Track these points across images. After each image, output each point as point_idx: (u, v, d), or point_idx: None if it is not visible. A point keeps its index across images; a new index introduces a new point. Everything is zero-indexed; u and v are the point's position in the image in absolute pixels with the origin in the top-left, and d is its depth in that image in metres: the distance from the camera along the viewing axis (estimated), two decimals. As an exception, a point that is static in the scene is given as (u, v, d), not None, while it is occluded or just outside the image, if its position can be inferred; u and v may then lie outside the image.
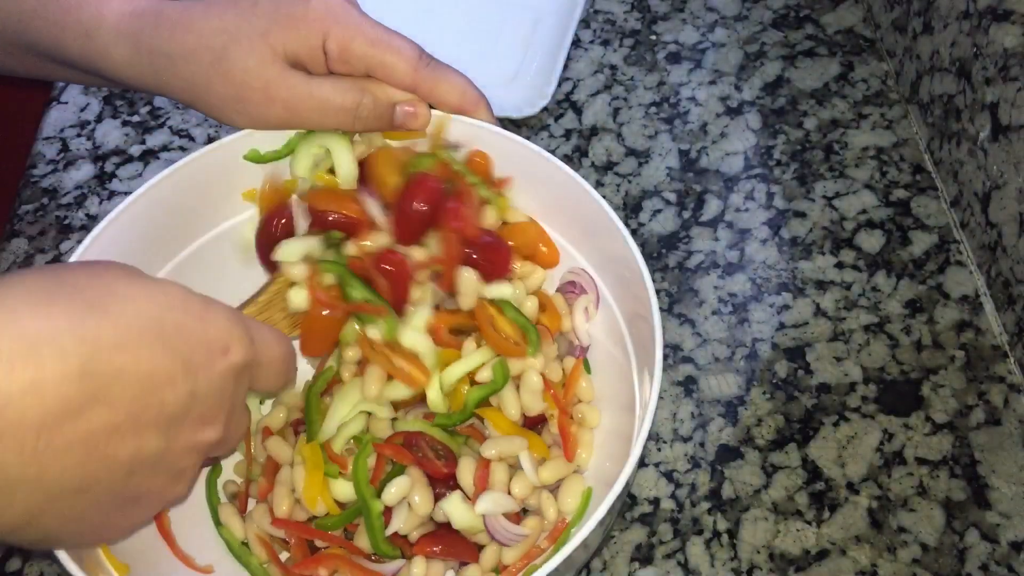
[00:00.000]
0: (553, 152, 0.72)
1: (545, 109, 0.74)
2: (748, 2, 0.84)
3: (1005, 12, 0.62)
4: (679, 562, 0.54)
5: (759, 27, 0.82)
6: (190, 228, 0.55)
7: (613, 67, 0.79)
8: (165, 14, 0.50)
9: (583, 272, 0.55)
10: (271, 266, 0.53)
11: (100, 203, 0.71)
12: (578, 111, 0.76)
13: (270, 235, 0.53)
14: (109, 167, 0.73)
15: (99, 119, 0.77)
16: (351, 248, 0.52)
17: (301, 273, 0.51)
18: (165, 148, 0.74)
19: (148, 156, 0.74)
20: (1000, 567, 0.54)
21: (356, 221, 0.52)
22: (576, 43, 0.81)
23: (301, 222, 0.53)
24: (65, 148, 0.75)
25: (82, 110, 0.77)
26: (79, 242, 0.68)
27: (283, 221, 0.53)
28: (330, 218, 0.52)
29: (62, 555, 0.40)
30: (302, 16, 0.49)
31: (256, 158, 0.54)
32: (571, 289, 0.56)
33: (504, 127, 0.75)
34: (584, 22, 0.82)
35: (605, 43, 0.81)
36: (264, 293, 0.52)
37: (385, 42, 0.51)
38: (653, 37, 0.81)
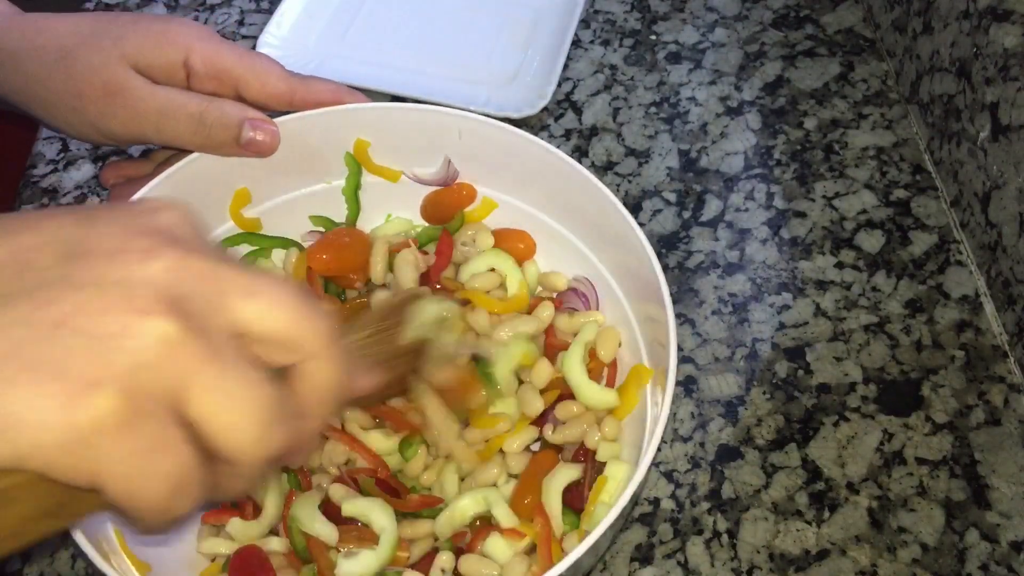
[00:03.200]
0: (553, 152, 0.73)
1: (545, 109, 0.74)
2: (748, 2, 0.84)
3: (1005, 12, 0.62)
4: (679, 562, 0.54)
5: (759, 27, 0.82)
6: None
7: (613, 67, 0.79)
8: (22, 16, 0.49)
9: (587, 282, 0.56)
10: None
11: (100, 203, 0.71)
12: (578, 111, 0.76)
13: None
14: (109, 167, 0.73)
15: (99, 119, 0.77)
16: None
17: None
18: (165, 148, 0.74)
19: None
20: (1000, 567, 0.54)
21: None
22: (576, 43, 0.81)
23: None
24: (65, 148, 0.75)
25: (82, 110, 0.77)
26: (79, 242, 0.69)
27: None
28: None
29: (88, 549, 0.39)
30: (162, 31, 0.48)
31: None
32: (573, 298, 0.56)
33: (504, 127, 0.75)
34: (584, 22, 0.82)
35: (605, 43, 0.81)
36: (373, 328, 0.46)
37: (252, 55, 0.51)
38: (653, 37, 0.81)
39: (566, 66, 0.78)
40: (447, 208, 0.60)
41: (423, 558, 0.49)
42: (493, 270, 0.57)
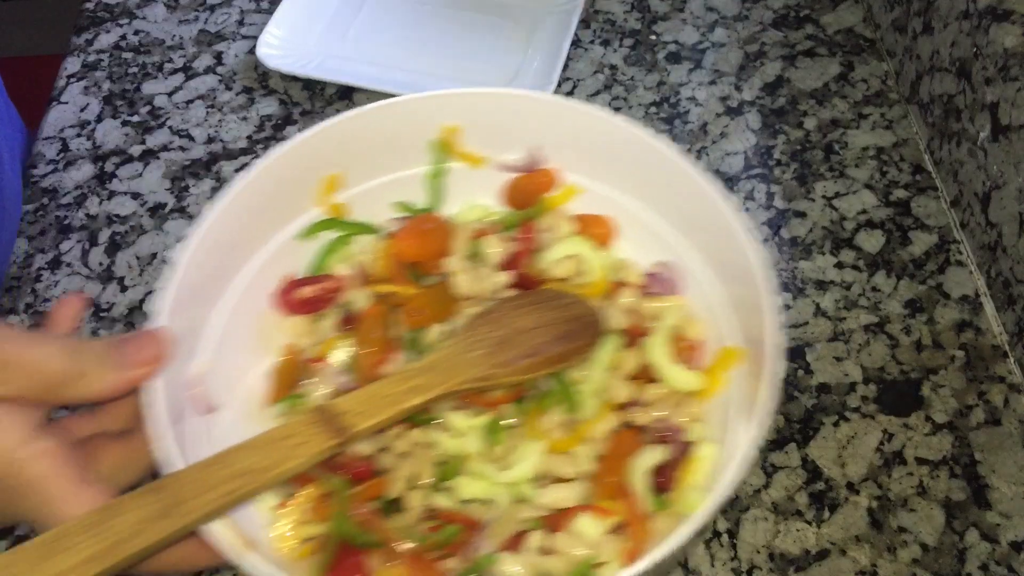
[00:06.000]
0: (553, 152, 0.73)
1: (545, 109, 0.74)
2: (748, 2, 0.84)
3: (1005, 12, 0.62)
4: (679, 562, 0.54)
5: (759, 27, 0.82)
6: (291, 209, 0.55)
7: (613, 67, 0.79)
8: None
9: (669, 267, 0.56)
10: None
11: (100, 203, 0.71)
12: (578, 111, 0.76)
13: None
14: (109, 167, 0.73)
15: (99, 119, 0.77)
16: None
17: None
18: (165, 148, 0.74)
19: (148, 156, 0.74)
20: (1000, 567, 0.54)
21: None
22: (576, 43, 0.81)
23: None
24: (65, 148, 0.75)
25: (82, 110, 0.77)
26: (79, 242, 0.69)
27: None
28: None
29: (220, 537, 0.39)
30: None
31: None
32: (653, 283, 0.56)
33: (504, 127, 0.75)
34: (584, 22, 0.82)
35: (605, 43, 0.81)
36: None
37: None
38: (653, 37, 0.81)
39: (566, 66, 0.78)
40: (528, 194, 0.60)
41: (513, 538, 0.48)
42: (573, 257, 0.57)
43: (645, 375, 0.52)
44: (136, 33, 0.83)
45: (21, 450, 0.37)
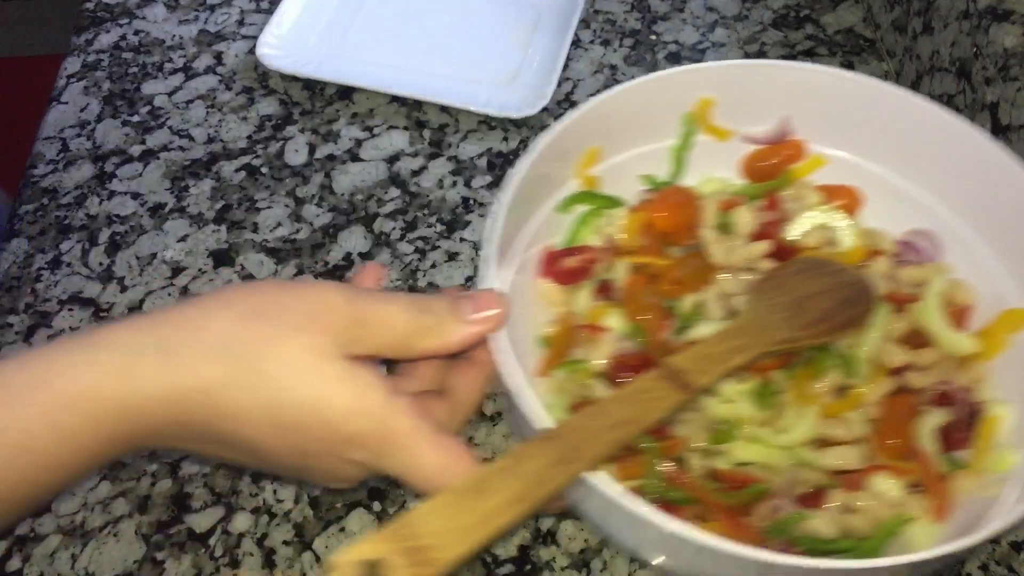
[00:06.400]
0: (553, 152, 0.73)
1: (545, 109, 0.74)
2: (748, 2, 0.84)
3: (1005, 12, 0.62)
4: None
5: (759, 27, 0.82)
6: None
7: (613, 67, 0.79)
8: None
9: (926, 234, 0.56)
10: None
11: (100, 203, 0.71)
12: (578, 111, 0.76)
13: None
14: (109, 167, 0.73)
15: (99, 119, 0.77)
16: None
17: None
18: (165, 148, 0.74)
19: (148, 156, 0.74)
20: (1000, 567, 0.54)
21: None
22: (576, 43, 0.81)
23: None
24: (65, 148, 0.75)
25: (82, 110, 0.77)
26: (79, 242, 0.69)
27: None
28: None
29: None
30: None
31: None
32: (907, 250, 0.56)
33: (504, 127, 0.75)
34: (584, 22, 0.82)
35: (605, 43, 0.81)
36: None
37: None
38: (653, 37, 0.81)
39: (566, 66, 0.78)
40: (772, 166, 0.60)
41: (816, 494, 0.49)
42: (822, 227, 0.57)
43: (912, 340, 0.53)
44: (136, 33, 0.83)
45: (388, 405, 0.39)
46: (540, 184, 0.55)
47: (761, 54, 0.79)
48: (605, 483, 0.40)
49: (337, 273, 0.66)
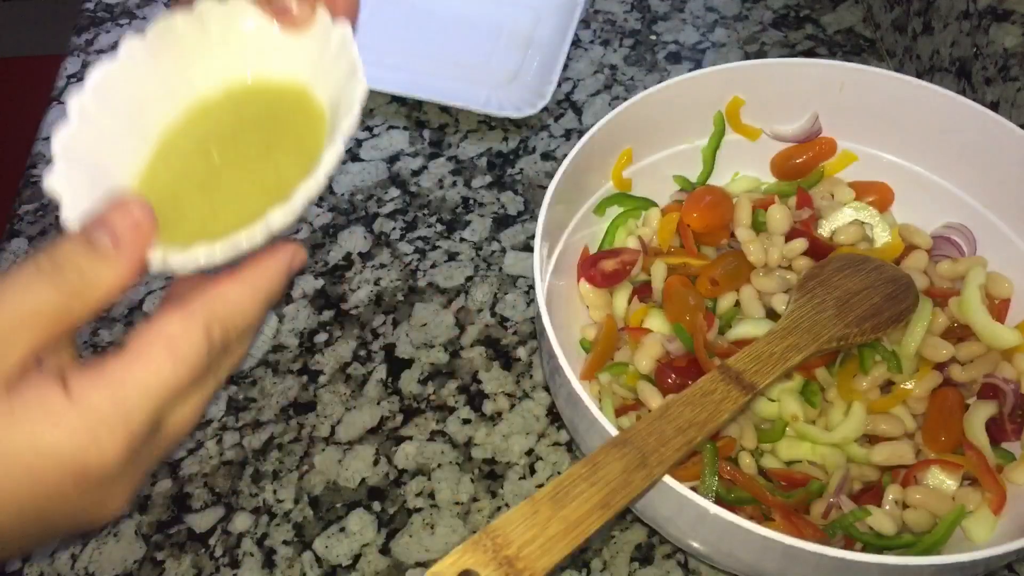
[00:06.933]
0: (552, 152, 0.73)
1: (545, 109, 0.74)
2: (748, 2, 0.84)
3: (1005, 12, 0.62)
4: (679, 562, 0.54)
5: (759, 27, 0.82)
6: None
7: (613, 67, 0.79)
8: None
9: (961, 228, 0.57)
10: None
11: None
12: (578, 111, 0.76)
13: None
14: (109, 167, 0.73)
15: (99, 119, 0.76)
16: None
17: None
18: (165, 148, 0.74)
19: (148, 156, 0.74)
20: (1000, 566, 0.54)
21: None
22: (576, 43, 0.81)
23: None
24: (65, 148, 0.75)
25: (82, 110, 0.77)
26: (79, 242, 0.69)
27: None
28: None
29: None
30: None
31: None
32: (943, 245, 0.57)
33: (504, 127, 0.75)
34: (584, 22, 0.82)
35: (605, 43, 0.81)
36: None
37: None
38: (653, 37, 0.81)
39: (566, 66, 0.78)
40: (802, 164, 0.61)
41: (868, 490, 0.50)
42: (856, 223, 0.57)
43: (955, 334, 0.53)
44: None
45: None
46: (577, 187, 0.55)
47: (761, 54, 0.79)
48: (687, 491, 0.41)
49: (337, 273, 0.66)
